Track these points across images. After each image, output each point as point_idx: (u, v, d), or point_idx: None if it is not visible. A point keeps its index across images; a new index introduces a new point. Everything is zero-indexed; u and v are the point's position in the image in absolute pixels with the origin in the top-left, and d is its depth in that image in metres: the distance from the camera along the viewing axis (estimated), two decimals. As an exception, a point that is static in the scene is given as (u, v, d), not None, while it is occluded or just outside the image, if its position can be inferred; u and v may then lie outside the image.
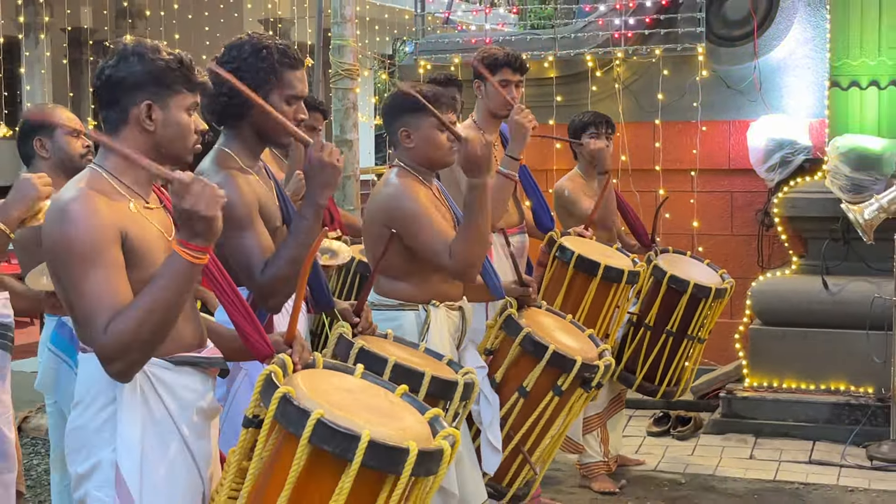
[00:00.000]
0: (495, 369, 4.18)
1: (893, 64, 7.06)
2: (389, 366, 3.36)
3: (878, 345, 6.55)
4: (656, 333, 5.70)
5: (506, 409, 4.12)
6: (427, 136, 4.02)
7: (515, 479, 4.18)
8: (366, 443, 2.34)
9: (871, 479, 6.03)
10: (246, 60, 3.33)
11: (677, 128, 7.88)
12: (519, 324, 4.14)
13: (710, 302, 5.68)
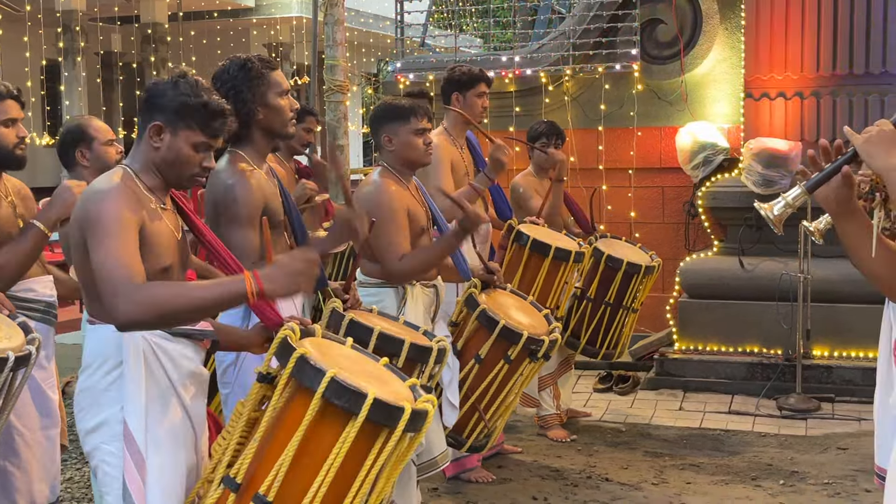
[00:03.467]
0: (457, 339, 4.21)
1: (797, 78, 7.08)
2: (375, 334, 3.38)
3: (785, 314, 6.59)
4: (597, 305, 5.74)
5: (464, 372, 4.15)
6: (406, 140, 4.06)
7: (473, 432, 4.21)
8: (371, 400, 2.38)
9: (781, 426, 6.08)
10: (237, 77, 3.34)
11: (617, 133, 7.90)
12: (477, 301, 4.17)
13: (641, 277, 5.73)
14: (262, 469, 2.45)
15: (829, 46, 7.01)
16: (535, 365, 4.17)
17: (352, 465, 2.43)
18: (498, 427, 4.35)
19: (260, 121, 3.39)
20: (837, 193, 2.34)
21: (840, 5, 6.95)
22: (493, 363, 4.11)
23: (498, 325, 4.07)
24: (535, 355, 4.11)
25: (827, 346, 6.70)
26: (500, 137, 5.19)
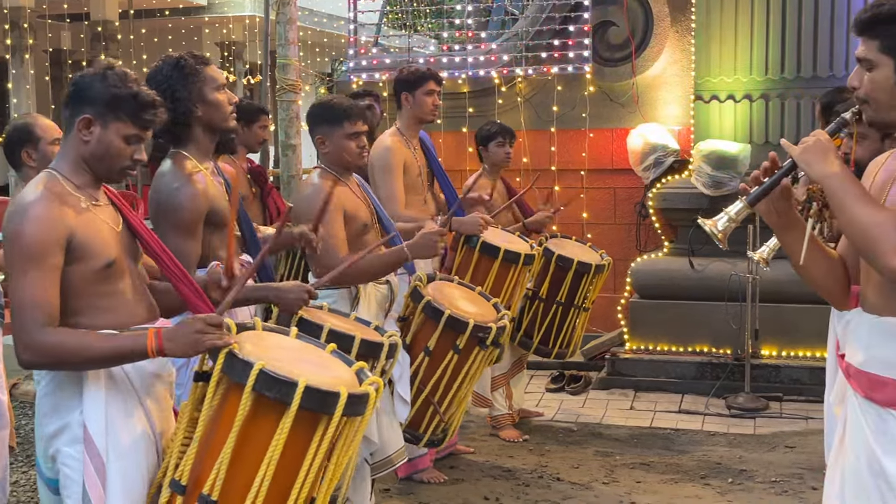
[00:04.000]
0: (406, 333, 4.20)
1: (746, 81, 7.16)
2: (325, 331, 3.36)
3: (734, 314, 6.65)
4: (548, 304, 5.76)
5: (415, 366, 4.14)
6: (339, 144, 4.06)
7: (429, 427, 4.20)
8: (302, 388, 2.37)
9: (730, 424, 6.14)
10: (171, 77, 3.31)
11: (569, 135, 7.93)
12: (422, 294, 4.17)
13: (591, 276, 5.76)
14: (205, 469, 2.44)
15: (778, 50, 7.10)
16: (485, 354, 4.17)
17: (294, 455, 2.42)
18: (454, 420, 4.34)
19: (199, 118, 3.36)
20: (778, 206, 2.39)
21: (788, 10, 7.04)
22: (443, 354, 4.11)
23: (443, 315, 4.07)
24: (484, 343, 4.11)
25: (775, 346, 6.78)
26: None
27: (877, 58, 2.28)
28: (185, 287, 2.81)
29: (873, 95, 2.30)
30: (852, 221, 2.18)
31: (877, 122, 2.35)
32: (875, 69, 2.28)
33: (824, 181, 2.24)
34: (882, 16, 2.27)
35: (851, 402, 2.42)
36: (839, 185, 2.21)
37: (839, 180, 2.21)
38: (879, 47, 2.27)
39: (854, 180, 2.22)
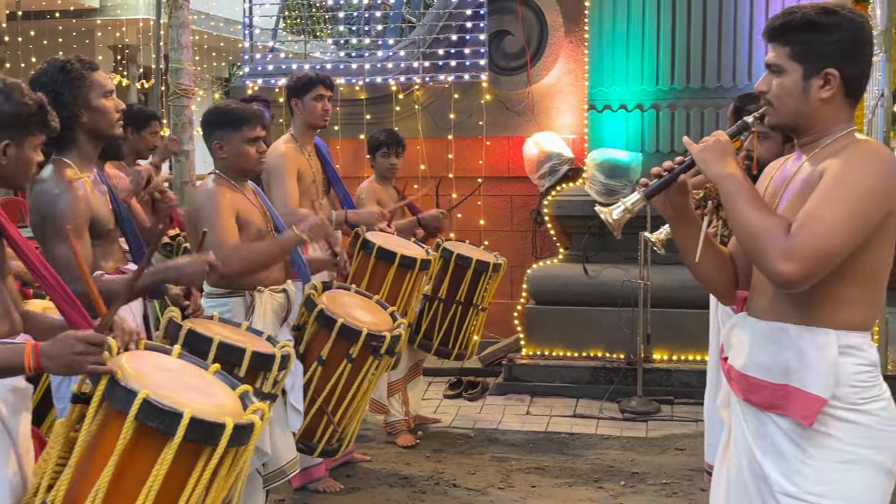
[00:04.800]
0: (299, 342, 4.16)
1: (638, 91, 7.30)
2: (215, 344, 3.30)
3: (627, 319, 6.78)
4: (448, 304, 5.78)
5: (308, 376, 4.10)
6: (237, 149, 3.99)
7: (323, 436, 4.16)
8: (188, 419, 2.30)
9: (623, 428, 6.24)
10: (56, 80, 3.23)
11: (466, 142, 7.97)
12: (315, 302, 4.13)
13: (489, 274, 5.82)
14: (80, 495, 2.34)
15: (669, 61, 7.26)
16: (380, 362, 4.15)
17: (175, 485, 2.35)
18: (349, 429, 4.31)
19: (84, 124, 3.27)
20: (674, 201, 2.44)
21: (679, 22, 7.21)
22: (336, 363, 4.08)
23: (336, 323, 4.03)
24: (378, 352, 4.09)
25: (666, 350, 6.92)
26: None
27: (786, 64, 2.34)
28: (61, 300, 2.71)
29: (781, 100, 2.36)
30: (743, 224, 2.23)
31: (780, 127, 2.42)
32: (784, 75, 2.34)
33: (719, 181, 2.29)
34: (793, 24, 2.34)
35: (734, 405, 2.47)
36: (733, 186, 2.26)
37: (734, 182, 2.27)
38: (790, 54, 2.33)
39: (748, 183, 2.28)
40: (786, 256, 2.13)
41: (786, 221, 2.21)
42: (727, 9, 7.15)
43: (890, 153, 2.28)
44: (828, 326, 2.26)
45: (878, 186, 2.19)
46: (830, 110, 2.33)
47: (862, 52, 2.33)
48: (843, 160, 2.24)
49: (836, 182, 2.20)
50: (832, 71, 2.30)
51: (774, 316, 2.34)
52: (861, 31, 2.32)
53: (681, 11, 7.21)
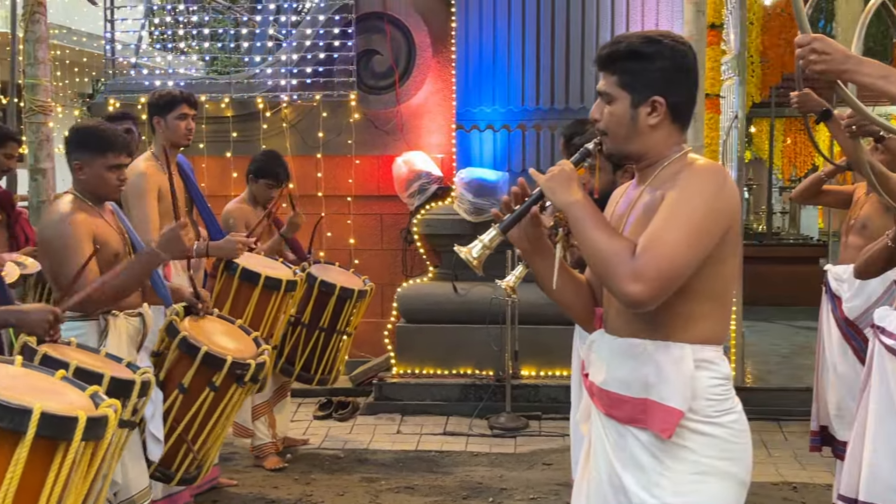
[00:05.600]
0: (160, 369, 4.04)
1: (504, 112, 7.42)
2: (71, 369, 3.17)
3: (496, 336, 6.85)
4: (311, 330, 5.71)
5: (168, 403, 3.98)
6: (98, 173, 3.87)
7: (182, 464, 4.03)
8: (38, 415, 2.25)
9: (492, 444, 6.29)
10: None
11: (336, 161, 7.93)
12: (178, 329, 4.02)
13: (354, 302, 5.77)
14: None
15: (534, 82, 7.40)
16: (243, 390, 4.06)
17: (32, 485, 2.29)
18: (209, 457, 4.20)
19: None
20: (528, 233, 2.47)
21: (543, 44, 7.36)
22: (198, 392, 3.97)
23: (200, 351, 3.94)
24: (241, 380, 4.01)
25: (534, 366, 7.02)
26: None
27: (615, 92, 2.39)
28: None
29: (612, 128, 2.41)
30: (592, 248, 2.27)
31: (615, 154, 2.47)
32: (614, 103, 2.39)
33: (567, 208, 2.32)
34: (619, 53, 2.39)
35: (595, 420, 2.52)
36: (580, 213, 2.30)
37: (581, 208, 2.31)
38: (618, 82, 2.38)
39: (594, 209, 2.32)
40: (633, 278, 2.18)
41: (632, 244, 2.26)
42: (589, 31, 7.34)
43: (725, 172, 2.37)
44: (682, 341, 2.33)
45: (716, 206, 2.26)
46: (661, 136, 2.40)
47: (686, 79, 2.39)
48: (681, 183, 2.30)
49: (675, 204, 2.26)
50: (658, 98, 2.36)
51: (631, 333, 2.39)
52: (684, 58, 2.38)
53: (545, 34, 7.36)
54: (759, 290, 10.37)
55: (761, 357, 8.21)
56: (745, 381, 7.08)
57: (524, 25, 7.40)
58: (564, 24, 7.37)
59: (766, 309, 10.40)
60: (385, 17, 7.80)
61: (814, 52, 2.51)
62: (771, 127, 14.21)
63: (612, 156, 2.48)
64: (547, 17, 7.38)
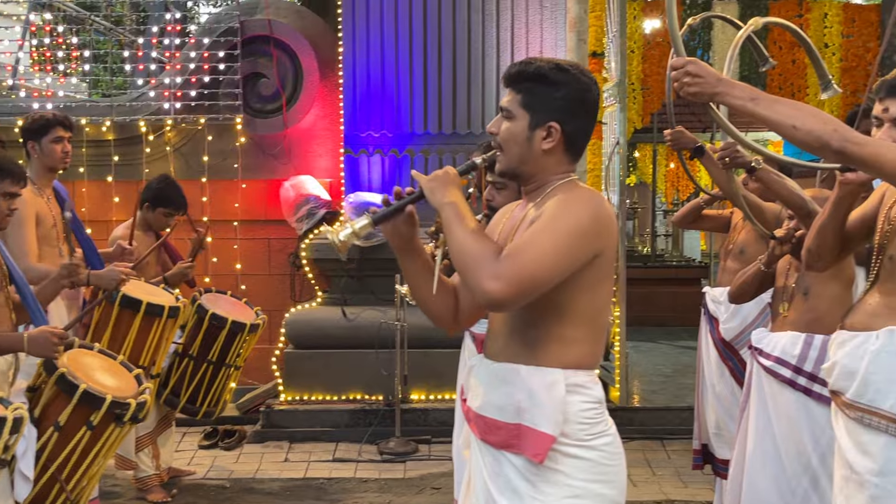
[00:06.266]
0: (35, 405, 3.90)
1: (393, 136, 7.45)
2: (-60, 404, 3.06)
3: (385, 361, 6.83)
4: (199, 362, 5.60)
5: (42, 441, 3.83)
6: None
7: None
8: None
9: (381, 470, 6.27)
10: None
11: (222, 185, 7.82)
12: (55, 364, 3.89)
13: (245, 335, 5.69)
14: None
15: (422, 107, 7.46)
16: (122, 429, 3.95)
17: None
18: (83, 496, 4.06)
19: None
20: (402, 230, 2.47)
21: (430, 69, 7.43)
22: (74, 430, 3.83)
23: (78, 389, 3.81)
24: (121, 420, 3.90)
25: (423, 390, 7.03)
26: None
27: (516, 110, 2.43)
28: None
29: (507, 144, 2.45)
30: (459, 247, 2.29)
31: (506, 171, 2.50)
32: (513, 120, 2.43)
33: (441, 208, 2.35)
34: (527, 73, 2.43)
35: (473, 445, 2.54)
36: (454, 213, 2.33)
37: (454, 209, 2.34)
38: (521, 101, 2.43)
39: (468, 212, 2.35)
40: (493, 277, 2.21)
41: (499, 248, 2.31)
42: (475, 57, 7.45)
43: (602, 199, 2.42)
44: (555, 366, 2.36)
45: (585, 226, 2.31)
46: (552, 161, 2.45)
47: (584, 111, 2.45)
48: (558, 201, 2.37)
49: (547, 221, 2.32)
50: (555, 124, 2.41)
51: (507, 357, 2.42)
52: (587, 92, 2.44)
53: (432, 60, 7.44)
54: (645, 311, 10.63)
55: (646, 377, 8.39)
56: (631, 401, 7.23)
57: (412, 51, 7.47)
58: (451, 51, 7.46)
59: (651, 329, 10.65)
60: (271, 41, 7.76)
61: (687, 74, 2.61)
62: (654, 152, 14.64)
63: (503, 173, 2.51)
64: (434, 43, 7.46)
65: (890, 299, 2.84)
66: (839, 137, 2.55)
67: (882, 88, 2.90)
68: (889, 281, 2.86)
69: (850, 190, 2.96)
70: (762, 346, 3.88)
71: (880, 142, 2.74)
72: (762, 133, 11.76)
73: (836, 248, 3.13)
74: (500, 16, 7.50)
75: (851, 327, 2.93)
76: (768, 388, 3.81)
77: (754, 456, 3.86)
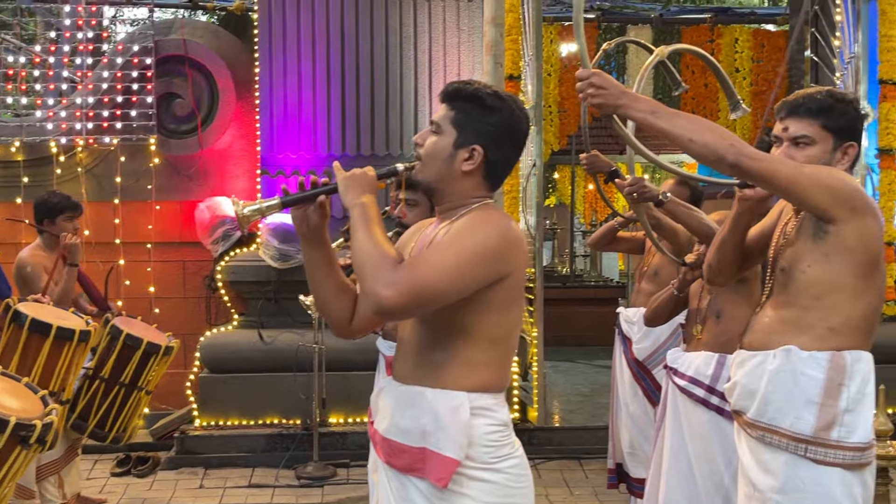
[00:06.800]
0: (-61, 430, 3.79)
1: (310, 157, 7.44)
2: None
3: (303, 384, 6.79)
4: (110, 385, 5.48)
5: (-58, 466, 3.75)
6: None
7: (-45, 533, 3.80)
8: None
9: (298, 495, 6.21)
10: None
11: (135, 206, 7.71)
12: None
13: (159, 358, 5.60)
14: None
15: (339, 128, 7.47)
16: (29, 452, 3.86)
17: None
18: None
19: None
20: (311, 218, 2.44)
21: (347, 91, 7.45)
22: (-22, 456, 3.74)
23: (-20, 413, 3.71)
24: (27, 442, 3.80)
25: (342, 413, 7.00)
26: None
27: (446, 126, 2.44)
28: None
29: (429, 158, 2.46)
30: (360, 248, 2.29)
31: (423, 185, 2.50)
32: (440, 135, 2.45)
33: (352, 207, 2.35)
34: (464, 93, 2.45)
35: (380, 469, 2.53)
36: (362, 214, 2.33)
37: (364, 210, 2.34)
38: (452, 119, 2.44)
39: (376, 217, 2.35)
40: (387, 284, 2.22)
41: (400, 256, 2.32)
42: (393, 79, 7.49)
43: (512, 223, 2.44)
44: (461, 389, 2.37)
45: (491, 247, 2.33)
46: (469, 184, 2.47)
47: (511, 144, 2.47)
48: (468, 220, 2.39)
49: (452, 238, 2.34)
50: (479, 148, 2.43)
51: (414, 380, 2.43)
52: (518, 125, 2.47)
53: (350, 80, 7.46)
54: (564, 330, 10.75)
55: (564, 397, 8.48)
56: (550, 421, 7.29)
57: (329, 72, 7.47)
58: (369, 72, 7.49)
59: (570, 349, 10.78)
60: (186, 61, 7.70)
61: (592, 85, 2.67)
62: (572, 174, 14.83)
63: (420, 184, 2.52)
64: (352, 64, 7.48)
65: (783, 313, 2.91)
66: (735, 151, 2.65)
67: (783, 108, 2.99)
68: (782, 293, 2.93)
69: (749, 206, 3.04)
70: (677, 365, 3.96)
71: (775, 157, 2.84)
72: (677, 154, 12.01)
73: (735, 263, 3.21)
74: (417, 38, 7.56)
75: (750, 346, 3.00)
76: (682, 407, 3.88)
77: (669, 475, 3.92)
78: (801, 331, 2.85)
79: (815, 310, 2.83)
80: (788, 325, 2.88)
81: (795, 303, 2.87)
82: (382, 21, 7.52)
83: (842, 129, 2.93)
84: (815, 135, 2.91)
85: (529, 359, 7.09)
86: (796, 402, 2.82)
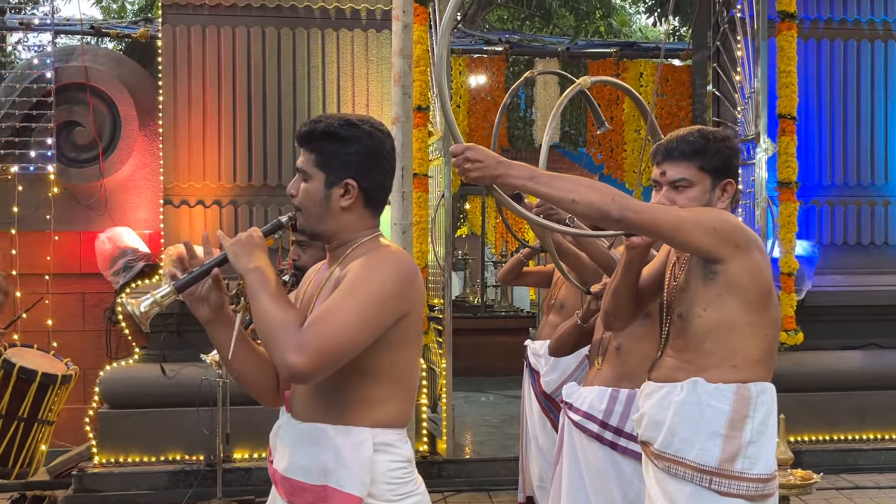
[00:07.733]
0: None
1: (215, 187, 7.33)
2: None
3: (206, 419, 6.63)
4: (8, 421, 5.32)
5: None
6: None
7: None
8: None
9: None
10: None
11: (33, 237, 7.52)
12: None
13: (57, 388, 5.44)
14: None
15: (246, 159, 7.38)
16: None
17: None
18: None
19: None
20: (211, 298, 2.38)
21: (254, 121, 7.38)
22: None
23: None
24: None
25: (247, 449, 6.87)
26: None
27: (311, 170, 2.40)
28: None
29: (306, 205, 2.42)
30: (262, 316, 2.24)
31: (307, 231, 2.46)
32: (310, 180, 2.40)
33: (246, 274, 2.29)
34: (317, 132, 2.41)
35: (282, 509, 2.47)
36: (258, 280, 2.28)
37: (259, 275, 2.28)
38: (315, 161, 2.40)
39: (273, 279, 2.30)
40: (296, 349, 2.17)
41: (303, 317, 2.27)
42: (301, 110, 7.46)
43: (408, 259, 2.42)
44: (363, 425, 2.34)
45: (391, 288, 2.30)
46: (353, 218, 2.44)
47: (380, 165, 2.45)
48: (362, 263, 2.35)
49: (351, 283, 2.30)
50: (351, 181, 2.40)
51: (314, 417, 2.38)
52: (381, 145, 2.44)
53: (256, 110, 7.40)
54: (474, 360, 10.76)
55: (474, 428, 8.47)
56: (459, 453, 7.26)
57: (235, 101, 7.39)
58: (276, 102, 7.43)
59: (480, 379, 10.78)
60: (88, 89, 7.53)
61: (467, 160, 2.68)
62: (483, 204, 14.92)
63: (305, 232, 2.48)
64: (258, 93, 7.42)
65: (684, 356, 2.94)
66: (618, 206, 2.69)
67: (658, 153, 3.03)
68: (680, 338, 2.97)
69: (638, 253, 3.07)
70: (572, 400, 3.96)
71: (657, 207, 2.88)
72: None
73: (630, 307, 3.23)
74: (325, 69, 7.52)
75: (657, 379, 3.03)
76: (578, 442, 3.89)
77: (568, 510, 3.92)
78: (704, 369, 2.89)
79: (717, 353, 2.88)
80: (694, 365, 2.91)
81: (697, 347, 2.91)
82: (290, 50, 7.48)
83: (717, 169, 2.96)
84: (693, 177, 2.95)
85: (439, 390, 7.06)
86: (701, 433, 2.85)
